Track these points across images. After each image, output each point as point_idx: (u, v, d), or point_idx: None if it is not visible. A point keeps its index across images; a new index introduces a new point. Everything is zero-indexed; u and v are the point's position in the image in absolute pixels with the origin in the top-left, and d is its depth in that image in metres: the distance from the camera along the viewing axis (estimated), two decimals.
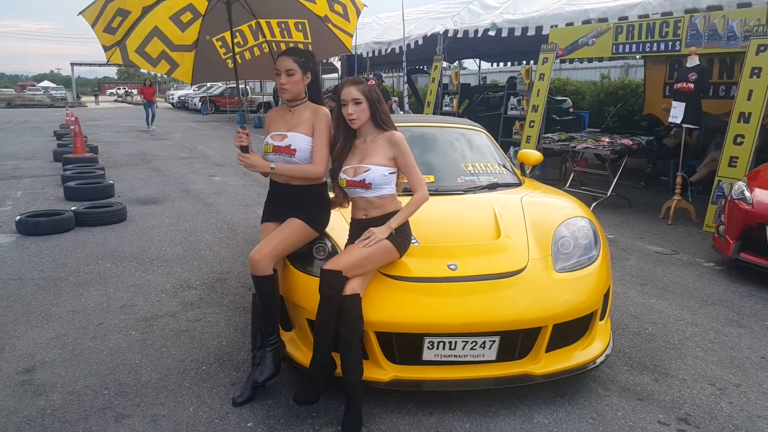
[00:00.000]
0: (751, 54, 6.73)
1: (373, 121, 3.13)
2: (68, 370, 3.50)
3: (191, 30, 3.53)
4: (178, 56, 3.55)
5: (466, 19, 11.71)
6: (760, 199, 5.17)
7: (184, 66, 3.61)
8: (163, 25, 3.44)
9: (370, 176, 3.09)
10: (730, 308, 4.59)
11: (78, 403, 3.13)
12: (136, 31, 3.36)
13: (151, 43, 3.44)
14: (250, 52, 3.78)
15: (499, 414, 3.09)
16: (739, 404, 3.22)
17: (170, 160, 12.92)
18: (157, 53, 3.47)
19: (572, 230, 3.64)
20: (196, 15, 3.52)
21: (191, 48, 3.59)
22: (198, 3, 3.50)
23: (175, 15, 3.46)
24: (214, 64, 3.70)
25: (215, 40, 3.67)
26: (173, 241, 6.37)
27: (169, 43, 3.49)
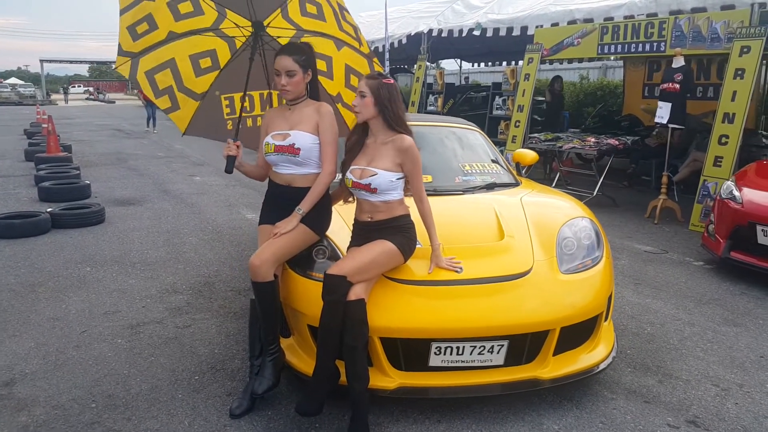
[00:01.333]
0: (735, 55, 6.77)
1: (384, 121, 3.02)
2: (51, 382, 3.31)
3: (204, 79, 3.42)
4: (182, 99, 3.40)
5: (450, 18, 11.66)
6: (750, 198, 5.18)
7: (183, 111, 3.45)
8: (181, 60, 3.33)
9: (376, 181, 2.98)
10: (725, 307, 4.58)
11: (63, 418, 2.95)
12: (154, 53, 3.24)
13: (162, 73, 3.30)
14: (252, 120, 3.65)
15: (508, 420, 3.00)
16: (745, 405, 3.18)
17: (147, 160, 12.64)
18: (165, 86, 3.33)
19: (575, 231, 3.58)
20: (215, 66, 3.43)
21: (198, 98, 3.44)
22: (221, 53, 3.41)
23: (196, 56, 3.36)
24: (213, 121, 3.54)
25: (224, 97, 3.53)
26: (155, 243, 6.17)
27: (179, 82, 3.36)
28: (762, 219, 4.91)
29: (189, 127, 3.52)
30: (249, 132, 3.67)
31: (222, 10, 3.30)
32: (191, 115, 3.47)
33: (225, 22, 3.34)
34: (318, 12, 3.37)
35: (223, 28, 3.35)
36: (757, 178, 5.48)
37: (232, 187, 9.56)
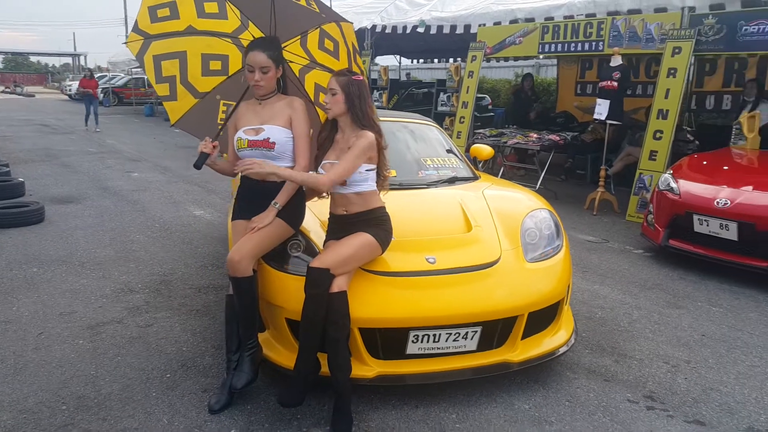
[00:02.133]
0: (668, 55, 7.18)
1: (352, 118, 3.07)
2: (13, 386, 3.19)
3: (210, 80, 3.38)
4: (181, 92, 3.34)
5: (394, 15, 11.77)
6: (687, 189, 5.53)
7: (180, 104, 3.38)
8: (192, 55, 3.29)
9: None
10: (667, 291, 4.89)
11: (34, 422, 2.87)
12: (169, 40, 3.20)
13: (171, 62, 3.25)
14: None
15: (481, 402, 3.14)
16: (693, 379, 3.45)
17: (79, 156, 12.16)
18: (168, 74, 3.27)
19: (536, 221, 3.75)
20: (224, 71, 3.40)
21: (198, 95, 3.39)
22: (233, 61, 3.39)
23: (208, 56, 3.33)
24: (205, 122, 3.48)
25: (223, 103, 3.49)
26: (102, 242, 5.99)
27: (184, 76, 3.31)
28: (698, 209, 5.26)
29: (180, 120, 3.45)
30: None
31: (245, 21, 3.29)
32: (186, 109, 3.42)
33: (245, 33, 3.34)
34: (334, 49, 3.43)
35: (242, 38, 3.34)
36: (692, 171, 5.85)
37: (173, 184, 9.36)
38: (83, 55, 60.07)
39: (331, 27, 3.41)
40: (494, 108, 15.55)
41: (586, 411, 3.06)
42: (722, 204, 5.07)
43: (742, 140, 6.54)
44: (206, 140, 3.10)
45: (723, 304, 4.61)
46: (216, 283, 4.87)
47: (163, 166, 11.16)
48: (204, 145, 3.09)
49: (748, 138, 6.47)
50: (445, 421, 2.97)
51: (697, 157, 6.44)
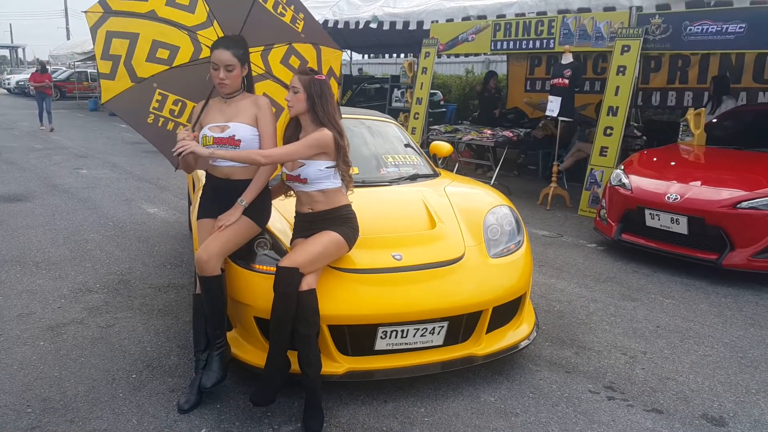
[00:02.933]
0: (617, 53, 7.40)
1: (313, 116, 3.09)
2: None
3: (151, 67, 3.31)
4: (121, 72, 3.28)
5: (345, 10, 11.74)
6: (638, 185, 5.73)
7: (116, 84, 3.31)
8: (143, 39, 3.24)
9: (305, 171, 3.06)
10: (621, 284, 5.07)
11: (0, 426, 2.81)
12: (127, 20, 3.16)
13: (121, 41, 3.20)
14: (174, 125, 3.53)
15: (448, 396, 3.21)
16: (650, 369, 3.59)
17: (24, 152, 11.75)
18: (115, 53, 3.21)
19: (498, 217, 3.84)
20: (169, 60, 3.34)
21: (135, 79, 3.32)
22: (182, 53, 3.34)
23: (158, 43, 3.27)
24: (136, 107, 3.42)
25: (159, 92, 3.42)
26: (55, 241, 5.83)
27: (129, 57, 3.25)
28: (650, 204, 5.47)
29: (112, 101, 3.38)
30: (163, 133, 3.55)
31: (211, 19, 3.25)
32: (120, 90, 3.35)
33: (207, 30, 3.29)
34: (299, 68, 3.45)
35: (200, 34, 3.30)
36: (642, 167, 6.07)
37: (124, 180, 9.16)
38: (21, 48, 57.69)
39: (305, 48, 3.47)
40: (446, 104, 15.71)
41: (550, 402, 3.17)
42: (673, 199, 5.28)
43: (690, 136, 6.81)
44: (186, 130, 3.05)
45: (675, 296, 4.80)
46: (176, 281, 4.82)
47: (112, 162, 10.89)
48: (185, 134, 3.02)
49: (695, 134, 6.74)
50: (414, 415, 3.03)
51: (647, 153, 6.68)
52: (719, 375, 3.53)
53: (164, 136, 3.51)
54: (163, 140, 3.52)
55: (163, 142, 3.52)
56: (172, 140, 3.41)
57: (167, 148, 3.50)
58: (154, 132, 3.48)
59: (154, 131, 3.47)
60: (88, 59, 25.87)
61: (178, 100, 3.41)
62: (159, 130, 3.48)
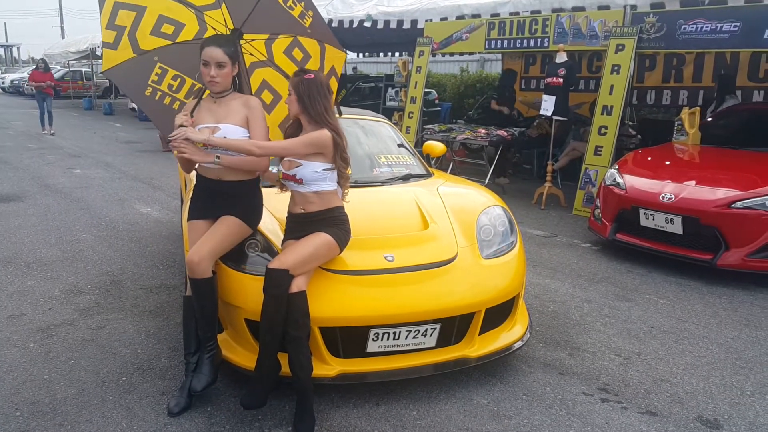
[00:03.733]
0: (611, 52, 7.39)
1: (307, 116, 3.07)
2: None
3: (155, 40, 3.28)
4: (124, 43, 3.25)
5: (340, 8, 11.69)
6: (632, 184, 5.72)
7: (117, 54, 3.28)
8: (150, 13, 3.21)
9: (301, 172, 3.04)
10: (615, 284, 5.05)
11: None
12: None
13: (127, 13, 3.18)
14: (171, 100, 3.50)
15: (441, 398, 3.19)
16: (644, 371, 3.57)
17: (18, 152, 11.68)
18: (121, 23, 3.18)
19: (491, 218, 3.82)
20: (173, 36, 3.31)
21: (137, 51, 3.29)
22: (187, 30, 3.32)
23: (164, 18, 3.24)
24: (135, 78, 3.38)
25: (159, 65, 3.38)
26: (47, 241, 5.79)
27: (134, 29, 3.22)
28: (644, 203, 5.45)
29: (112, 69, 3.35)
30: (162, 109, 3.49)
31: (220, 1, 3.23)
32: (121, 60, 3.32)
33: (215, 12, 3.26)
34: (301, 60, 3.46)
35: (207, 14, 3.28)
36: (637, 166, 6.05)
37: (117, 180, 9.11)
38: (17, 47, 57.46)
39: (310, 43, 3.47)
40: (441, 102, 15.68)
41: (543, 404, 3.15)
42: (667, 198, 5.27)
43: (684, 136, 6.80)
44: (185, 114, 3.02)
45: (670, 297, 4.79)
46: (168, 282, 4.78)
47: (106, 162, 10.84)
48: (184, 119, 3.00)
49: (689, 133, 6.74)
50: (406, 417, 3.00)
51: (642, 152, 6.66)
52: (714, 376, 3.52)
53: (161, 110, 3.49)
54: (159, 114, 3.51)
55: (159, 115, 3.52)
56: (168, 115, 3.44)
57: (162, 122, 3.52)
58: (151, 104, 3.46)
59: (152, 104, 3.45)
60: (82, 58, 25.76)
61: (178, 76, 3.39)
62: (156, 104, 3.46)
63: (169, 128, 3.40)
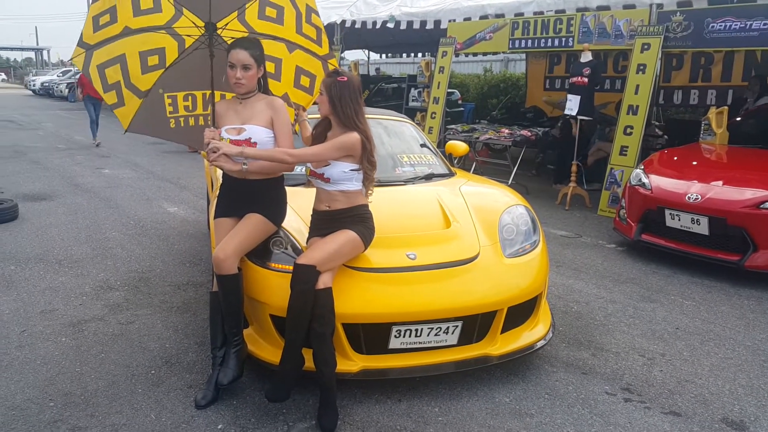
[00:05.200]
0: (637, 52, 7.33)
1: (336, 118, 3.11)
2: (0, 383, 3.19)
3: (150, 77, 3.36)
4: (127, 95, 3.35)
5: (363, 10, 11.76)
6: (658, 184, 5.67)
7: (128, 108, 3.39)
8: (130, 56, 3.28)
9: (329, 171, 3.09)
10: (640, 285, 5.02)
11: (23, 419, 2.88)
12: (108, 47, 3.19)
13: (113, 68, 3.25)
14: (194, 119, 3.59)
15: (462, 396, 3.21)
16: (669, 371, 3.55)
17: (48, 152, 11.95)
18: (113, 81, 3.27)
19: (513, 217, 3.83)
20: (162, 64, 3.37)
21: (141, 95, 3.38)
22: (170, 51, 3.37)
23: (145, 53, 3.31)
24: (155, 119, 3.48)
25: (167, 96, 3.47)
26: (78, 239, 5.93)
27: (127, 78, 3.30)
28: (670, 204, 5.40)
29: (131, 124, 3.46)
30: (189, 130, 3.61)
31: (180, 9, 3.27)
32: (134, 112, 3.43)
33: (181, 20, 3.31)
34: (277, 16, 3.44)
35: (176, 27, 3.32)
36: (663, 166, 6.00)
37: (145, 180, 9.27)
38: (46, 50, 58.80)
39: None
40: (464, 103, 15.66)
41: (566, 404, 3.15)
42: (693, 199, 5.22)
43: (711, 135, 6.72)
44: (210, 130, 3.07)
45: (696, 298, 4.74)
46: (194, 279, 4.87)
47: (134, 162, 11.03)
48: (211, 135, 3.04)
49: (717, 133, 6.65)
50: (428, 414, 3.03)
51: (668, 152, 6.60)
52: (740, 378, 3.49)
53: (191, 132, 3.58)
54: (191, 136, 3.61)
55: (192, 137, 3.61)
56: (197, 132, 3.51)
57: (196, 141, 3.57)
58: (181, 133, 3.55)
59: (180, 132, 3.53)
60: None
61: (188, 95, 3.47)
62: (184, 130, 3.54)
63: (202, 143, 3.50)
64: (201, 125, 3.59)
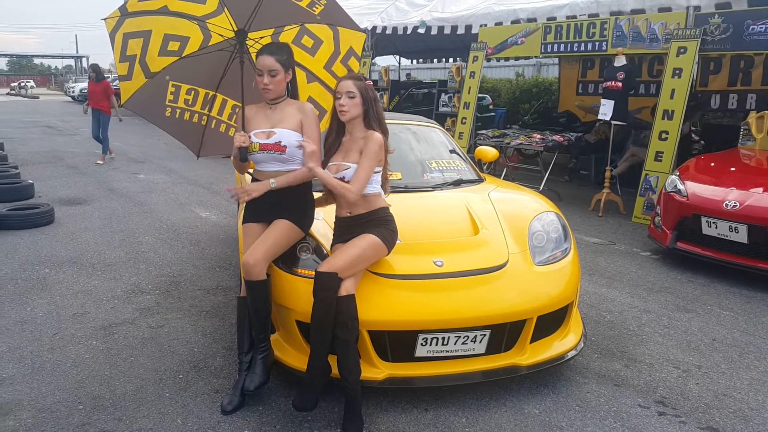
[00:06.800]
0: (672, 55, 7.17)
1: (364, 120, 3.12)
2: (32, 385, 3.25)
3: (162, 60, 3.38)
4: (137, 71, 3.36)
5: (394, 16, 11.77)
6: (694, 191, 5.53)
7: (132, 83, 3.40)
8: (155, 35, 3.30)
9: (349, 174, 3.08)
10: (675, 294, 4.89)
11: (53, 421, 2.92)
12: (140, 18, 3.22)
13: (136, 41, 3.27)
14: (190, 114, 3.60)
15: (491, 406, 3.15)
16: (705, 384, 3.44)
17: (85, 157, 12.20)
18: (132, 53, 3.29)
19: (544, 224, 3.76)
20: (179, 51, 3.39)
21: (148, 75, 3.40)
22: (192, 43, 3.38)
23: (169, 36, 3.33)
24: (152, 102, 3.50)
25: (172, 83, 3.48)
26: (111, 243, 6.03)
27: (144, 55, 3.32)
28: (706, 211, 5.26)
29: (129, 100, 3.46)
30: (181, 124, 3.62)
31: (221, 8, 3.28)
32: (136, 89, 3.43)
33: (217, 18, 3.32)
34: (312, 47, 3.48)
35: (209, 22, 3.33)
36: (699, 173, 5.85)
37: (179, 185, 9.39)
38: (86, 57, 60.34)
39: (320, 28, 3.45)
40: (495, 108, 15.54)
41: (597, 416, 3.07)
42: (731, 206, 5.07)
43: (751, 141, 6.53)
44: (240, 134, 3.11)
45: (734, 308, 4.60)
46: (224, 284, 4.90)
47: (168, 167, 11.20)
48: (242, 139, 3.10)
49: (757, 138, 6.45)
50: (455, 425, 2.98)
51: (704, 158, 6.44)
52: None
53: (183, 126, 3.60)
54: (183, 131, 3.63)
55: (183, 133, 3.64)
56: (189, 129, 3.58)
57: (187, 138, 3.67)
58: (173, 124, 3.56)
59: (173, 123, 3.55)
60: None
61: (191, 89, 3.48)
62: (177, 122, 3.56)
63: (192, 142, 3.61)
64: (194, 122, 3.62)
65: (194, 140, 3.70)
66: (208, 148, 3.76)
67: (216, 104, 3.62)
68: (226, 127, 3.67)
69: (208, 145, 3.75)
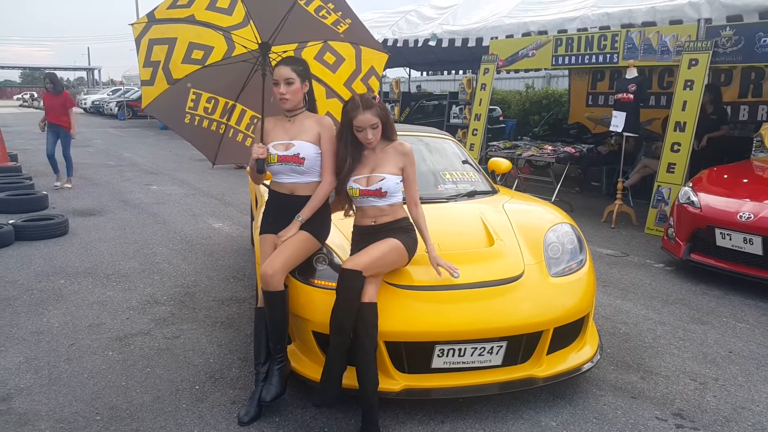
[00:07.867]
0: (684, 68, 7.17)
1: (383, 135, 3.15)
2: (49, 396, 3.27)
3: (185, 68, 3.44)
4: (159, 77, 3.42)
5: (405, 29, 11.85)
6: (707, 202, 5.51)
7: (154, 89, 3.46)
8: (181, 42, 3.37)
9: (385, 185, 3.12)
10: (690, 306, 4.86)
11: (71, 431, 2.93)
12: (167, 26, 3.29)
13: (161, 47, 3.34)
14: (209, 122, 3.66)
15: (507, 419, 3.14)
16: (723, 397, 3.42)
17: (98, 169, 12.31)
18: (156, 59, 3.35)
19: (559, 235, 3.76)
20: (203, 60, 3.45)
21: (170, 81, 3.46)
22: (216, 52, 3.45)
23: (194, 45, 3.39)
24: (173, 108, 3.56)
25: (193, 91, 3.54)
26: (126, 254, 6.07)
27: (167, 62, 3.39)
28: (720, 222, 5.24)
29: (150, 105, 3.52)
30: (200, 132, 3.67)
31: (247, 20, 3.33)
32: (157, 94, 3.49)
33: (243, 30, 3.37)
34: (333, 64, 3.54)
35: (234, 33, 3.38)
36: (712, 184, 5.84)
37: (191, 197, 9.45)
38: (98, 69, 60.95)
39: (343, 46, 3.51)
40: (505, 119, 15.58)
41: (615, 428, 3.06)
42: (746, 218, 5.05)
43: (764, 152, 6.52)
44: (258, 145, 3.15)
45: (749, 320, 4.57)
46: (238, 295, 4.92)
47: (180, 179, 11.28)
48: (260, 151, 3.13)
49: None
50: None
51: (717, 170, 6.41)
52: None
53: (200, 134, 3.65)
54: (200, 138, 3.68)
55: (200, 140, 3.69)
56: (207, 137, 3.64)
57: (204, 146, 3.72)
58: (191, 131, 3.62)
59: (191, 130, 3.61)
60: None
61: (211, 98, 3.55)
62: (195, 129, 3.62)
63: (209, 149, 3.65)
64: (212, 130, 3.67)
65: (211, 148, 3.75)
66: (224, 156, 3.81)
67: (235, 114, 3.67)
68: (243, 137, 3.72)
69: (224, 154, 3.80)
